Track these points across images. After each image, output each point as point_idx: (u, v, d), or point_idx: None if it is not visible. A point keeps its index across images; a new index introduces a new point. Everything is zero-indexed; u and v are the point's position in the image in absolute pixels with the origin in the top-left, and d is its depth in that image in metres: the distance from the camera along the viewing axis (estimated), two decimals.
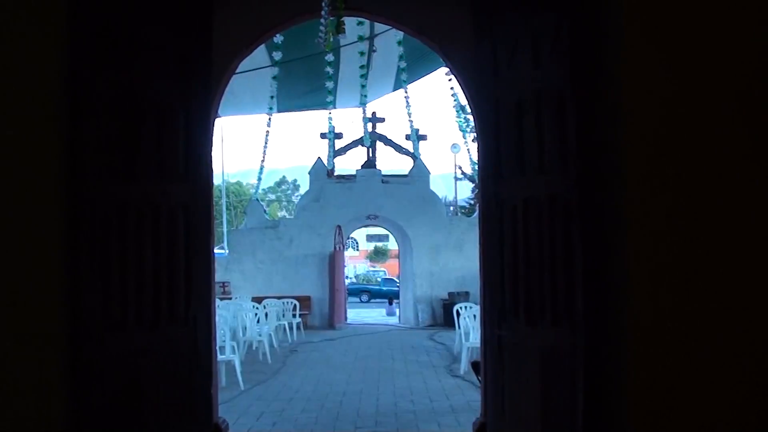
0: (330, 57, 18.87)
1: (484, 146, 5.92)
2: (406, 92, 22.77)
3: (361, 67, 19.74)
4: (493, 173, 5.73)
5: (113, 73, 5.11)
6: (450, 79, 21.68)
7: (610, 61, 4.90)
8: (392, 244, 57.61)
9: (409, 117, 23.11)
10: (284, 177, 75.26)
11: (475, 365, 7.83)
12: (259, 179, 24.71)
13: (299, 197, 30.11)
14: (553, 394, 5.15)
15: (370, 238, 61.75)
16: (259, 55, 18.09)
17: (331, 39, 5.53)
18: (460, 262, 21.17)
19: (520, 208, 5.46)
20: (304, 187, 27.42)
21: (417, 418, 8.60)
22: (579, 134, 5.02)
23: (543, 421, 5.19)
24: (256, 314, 14.38)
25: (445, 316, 20.30)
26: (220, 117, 6.25)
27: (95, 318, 4.95)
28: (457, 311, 13.84)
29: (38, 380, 4.75)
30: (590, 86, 5.07)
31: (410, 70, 21.12)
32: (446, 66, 6.51)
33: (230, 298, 18.42)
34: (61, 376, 4.84)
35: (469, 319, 12.59)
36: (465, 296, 19.66)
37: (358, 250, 64.86)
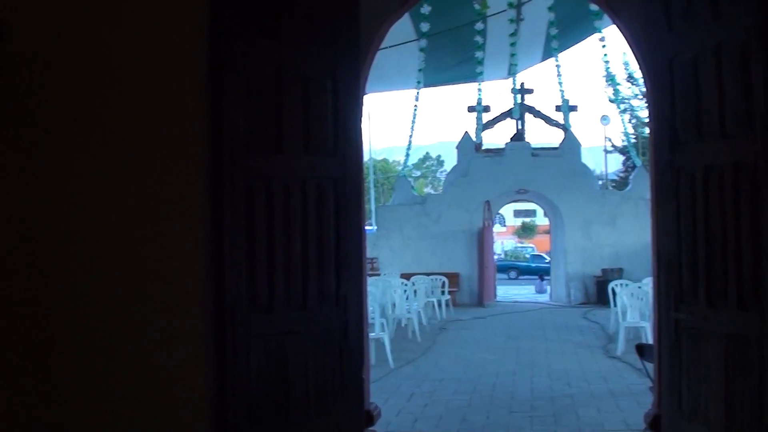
0: (479, 26, 18.46)
1: (657, 109, 5.39)
2: (557, 61, 22.08)
3: (511, 35, 19.21)
4: (667, 139, 5.21)
5: (257, 42, 4.94)
6: (604, 46, 20.85)
7: None
8: (540, 220, 56.83)
9: (560, 87, 22.39)
10: (428, 153, 75.33)
11: (639, 348, 7.36)
12: (407, 155, 24.67)
13: (444, 173, 29.89)
14: (739, 385, 4.63)
15: (517, 213, 61.07)
16: (405, 29, 17.91)
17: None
18: (613, 237, 20.51)
19: (699, 177, 4.94)
20: (449, 163, 27.27)
21: (574, 403, 8.23)
22: (766, 92, 4.46)
23: (727, 416, 4.68)
24: (405, 291, 14.24)
25: (598, 294, 19.68)
26: (366, 93, 6.00)
27: (241, 298, 4.83)
28: (613, 289, 13.30)
29: (184, 361, 4.73)
30: None
31: (561, 38, 20.44)
32: (614, 24, 5.96)
33: (378, 275, 18.43)
34: (207, 357, 4.79)
35: (627, 297, 12.07)
36: (619, 273, 19.05)
37: (505, 226, 64.33)
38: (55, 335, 4.56)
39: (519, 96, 22.37)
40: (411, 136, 23.63)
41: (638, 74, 33.32)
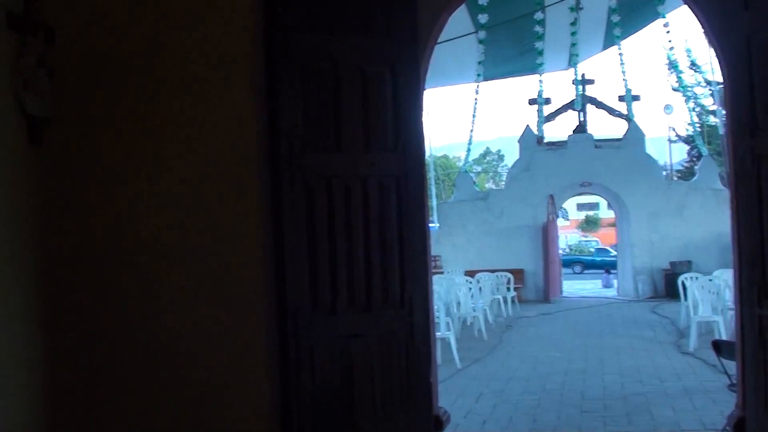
0: (539, 15, 18.14)
1: (734, 93, 5.09)
2: (620, 49, 21.59)
3: (572, 24, 18.83)
4: (746, 124, 4.91)
5: (312, 36, 4.80)
6: (668, 32, 20.31)
7: None
8: (603, 213, 55.90)
9: (624, 76, 21.86)
10: (488, 148, 74.71)
11: (716, 345, 7.07)
12: (468, 150, 24.40)
13: (505, 168, 29.52)
14: None
15: (580, 207, 60.20)
16: (463, 21, 17.68)
17: None
18: (681, 229, 19.99)
19: None
20: (509, 157, 26.92)
21: (648, 401, 7.97)
22: None
23: None
24: (469, 289, 14.03)
25: (666, 287, 19.23)
26: (426, 88, 5.80)
27: (303, 300, 4.72)
28: (683, 282, 12.90)
29: (247, 364, 4.65)
30: None
31: (622, 25, 19.99)
32: (684, 3, 5.66)
33: (441, 273, 18.24)
34: (270, 360, 4.69)
35: (698, 290, 11.69)
36: (687, 266, 18.62)
37: (568, 219, 63.44)
38: (117, 337, 4.58)
39: (580, 87, 21.96)
40: (472, 131, 23.33)
41: (701, 61, 32.51)
